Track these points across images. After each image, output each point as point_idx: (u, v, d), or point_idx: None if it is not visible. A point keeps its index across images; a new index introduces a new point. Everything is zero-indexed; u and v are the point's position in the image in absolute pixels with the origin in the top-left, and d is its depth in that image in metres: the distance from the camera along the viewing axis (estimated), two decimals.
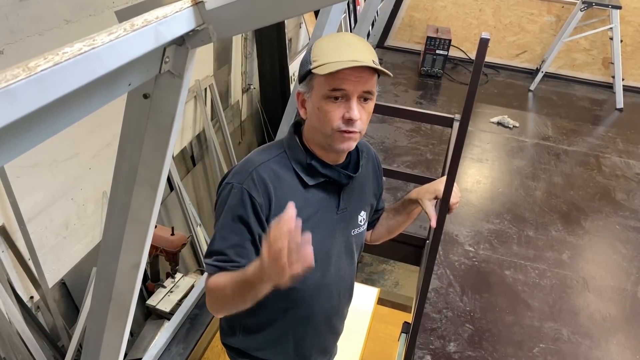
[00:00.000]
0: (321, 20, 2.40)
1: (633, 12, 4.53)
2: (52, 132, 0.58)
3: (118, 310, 1.06)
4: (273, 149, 1.33)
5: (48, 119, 0.56)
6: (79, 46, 0.54)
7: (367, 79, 1.19)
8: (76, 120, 0.64)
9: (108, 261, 1.00)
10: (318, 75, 1.19)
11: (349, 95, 1.19)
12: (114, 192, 0.94)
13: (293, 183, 1.28)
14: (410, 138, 3.60)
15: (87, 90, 0.61)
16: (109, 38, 0.59)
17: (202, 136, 4.63)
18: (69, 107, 0.60)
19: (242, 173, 1.26)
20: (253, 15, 0.81)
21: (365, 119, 1.24)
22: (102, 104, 0.68)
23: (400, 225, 1.64)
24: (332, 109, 1.20)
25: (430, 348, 2.00)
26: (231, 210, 1.23)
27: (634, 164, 3.55)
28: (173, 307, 3.41)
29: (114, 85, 0.68)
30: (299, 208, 1.27)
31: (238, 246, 1.24)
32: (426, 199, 1.49)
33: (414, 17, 5.13)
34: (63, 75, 0.52)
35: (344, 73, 1.16)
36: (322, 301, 1.42)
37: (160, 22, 0.69)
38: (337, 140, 1.23)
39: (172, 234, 3.44)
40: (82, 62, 0.54)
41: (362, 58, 1.16)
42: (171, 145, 0.90)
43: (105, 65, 0.59)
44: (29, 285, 2.84)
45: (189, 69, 0.84)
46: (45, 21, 2.57)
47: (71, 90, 0.54)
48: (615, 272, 2.52)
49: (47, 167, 2.82)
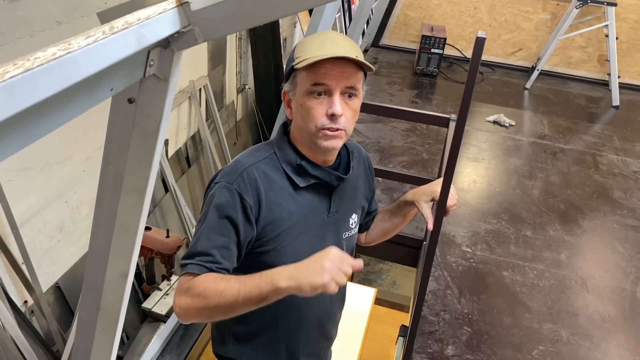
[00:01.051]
0: (315, 19, 2.37)
1: (628, 8, 4.52)
2: (27, 141, 0.55)
3: (107, 320, 1.03)
4: (262, 150, 1.30)
5: (21, 128, 0.53)
6: (52, 50, 0.51)
7: (350, 74, 1.17)
8: (55, 127, 0.61)
9: (95, 271, 0.97)
10: (300, 71, 1.17)
11: (332, 90, 1.16)
12: (99, 200, 0.91)
13: (283, 185, 1.26)
14: (406, 138, 3.58)
15: (65, 96, 0.58)
16: (87, 42, 0.56)
17: (197, 137, 4.60)
18: (46, 114, 0.57)
19: (232, 173, 1.23)
20: (240, 16, 0.78)
21: (350, 116, 1.21)
22: (83, 110, 0.65)
23: (395, 227, 1.61)
24: (315, 105, 1.18)
25: (428, 352, 1.97)
26: (219, 209, 1.19)
27: (631, 162, 3.53)
28: (169, 310, 3.38)
29: (95, 90, 0.65)
30: (288, 210, 1.25)
31: (224, 247, 1.18)
32: (422, 201, 1.47)
33: (408, 15, 5.10)
34: (35, 82, 0.49)
35: (326, 67, 1.14)
36: (314, 307, 1.39)
37: (142, 24, 0.66)
38: (322, 139, 1.20)
39: (168, 236, 3.41)
40: (56, 68, 0.51)
41: (344, 52, 1.14)
42: (158, 151, 0.88)
43: (83, 70, 0.56)
44: (22, 289, 2.81)
45: (175, 72, 0.82)
46: (36, 22, 2.53)
47: (44, 97, 0.51)
48: (614, 272, 2.50)
49: (40, 170, 2.79)
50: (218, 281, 1.10)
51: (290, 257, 1.28)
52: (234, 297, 1.07)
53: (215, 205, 1.19)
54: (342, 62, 1.14)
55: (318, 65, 1.14)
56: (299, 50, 1.20)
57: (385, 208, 1.65)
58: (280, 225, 1.24)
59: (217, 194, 1.21)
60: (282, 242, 1.26)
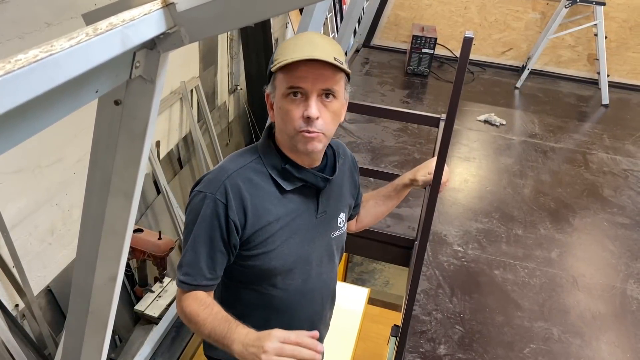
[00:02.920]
0: (305, 19, 2.37)
1: (617, 8, 4.55)
2: (10, 144, 0.55)
3: (96, 325, 1.03)
4: (247, 154, 1.29)
5: (3, 131, 0.53)
6: (34, 53, 0.51)
7: (327, 76, 1.15)
8: (39, 130, 0.61)
9: (83, 275, 0.96)
10: (279, 74, 1.16)
11: (308, 93, 1.15)
12: (87, 203, 0.90)
13: (269, 189, 1.25)
14: (397, 137, 3.58)
15: (48, 98, 0.57)
16: (69, 44, 0.56)
17: (188, 138, 4.59)
18: (29, 116, 0.56)
19: (215, 182, 1.22)
20: (227, 17, 0.78)
21: (329, 118, 1.19)
22: (67, 112, 0.65)
23: (389, 209, 1.69)
24: (292, 107, 1.17)
25: (420, 351, 1.98)
26: (204, 220, 1.21)
27: (620, 160, 3.56)
28: (162, 312, 3.37)
29: (80, 92, 0.65)
30: (276, 214, 1.25)
31: (209, 258, 1.23)
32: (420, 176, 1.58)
33: (399, 15, 5.11)
34: (16, 84, 0.48)
35: (301, 70, 1.13)
36: (305, 308, 1.39)
37: (127, 25, 0.66)
38: (300, 142, 1.19)
39: (160, 238, 3.40)
40: (37, 70, 0.51)
41: (321, 55, 1.12)
42: (145, 153, 0.87)
43: (66, 72, 0.55)
44: (13, 293, 2.79)
45: (162, 73, 0.81)
46: (25, 24, 2.52)
47: (26, 100, 0.50)
48: (604, 270, 2.51)
49: (31, 172, 2.77)
50: (201, 310, 1.21)
51: (279, 260, 1.28)
52: (206, 334, 1.19)
53: (200, 216, 1.22)
54: (319, 64, 1.13)
55: (294, 67, 1.13)
56: (277, 53, 1.19)
57: (379, 193, 1.67)
58: (268, 230, 1.25)
59: (200, 204, 1.22)
60: (271, 246, 1.26)
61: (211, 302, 1.24)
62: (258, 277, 1.30)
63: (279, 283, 1.31)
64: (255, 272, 1.29)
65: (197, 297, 1.24)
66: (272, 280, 1.31)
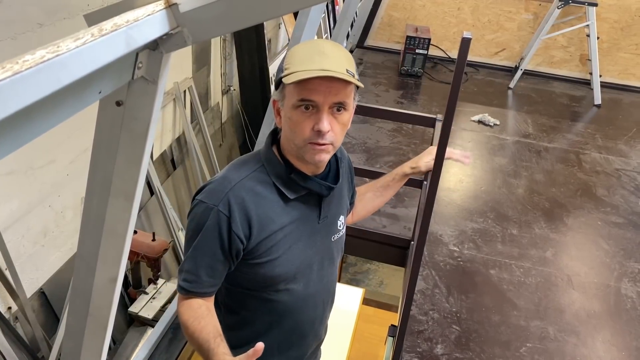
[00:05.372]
0: (301, 21, 2.37)
1: (609, 8, 4.58)
2: (14, 146, 0.54)
3: (96, 326, 1.02)
4: (250, 163, 1.27)
5: (9, 133, 0.52)
6: (41, 53, 0.50)
7: (338, 90, 1.13)
8: (42, 132, 0.60)
9: (84, 276, 0.96)
10: (288, 84, 1.13)
11: (319, 106, 1.13)
12: (88, 204, 0.90)
13: (273, 198, 1.24)
14: (392, 138, 3.59)
15: (53, 99, 0.57)
16: (75, 44, 0.55)
17: (182, 139, 4.57)
18: (33, 118, 0.56)
19: (218, 193, 1.20)
20: (230, 18, 0.78)
21: (338, 131, 1.19)
22: (71, 113, 0.64)
23: (387, 200, 1.72)
24: (302, 119, 1.15)
25: (418, 351, 1.98)
26: (206, 231, 1.20)
27: (613, 160, 3.58)
28: (156, 314, 3.35)
29: (83, 93, 0.65)
30: (280, 223, 1.24)
31: (209, 267, 1.23)
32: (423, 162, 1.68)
33: (393, 16, 5.12)
34: (24, 85, 0.48)
35: (313, 83, 1.10)
36: (307, 312, 1.39)
37: (131, 26, 0.65)
38: (309, 153, 1.18)
39: (153, 239, 3.39)
40: (45, 71, 0.50)
41: (334, 67, 1.10)
42: (147, 154, 0.87)
43: (72, 73, 0.55)
44: (6, 295, 2.77)
45: (164, 74, 0.81)
46: (17, 25, 2.49)
47: (34, 101, 0.50)
48: (599, 269, 2.53)
49: (23, 174, 2.75)
50: (190, 322, 1.21)
51: (284, 267, 1.28)
52: (195, 346, 1.20)
53: (202, 227, 1.20)
54: (330, 77, 1.10)
55: (306, 80, 1.10)
56: (287, 61, 1.16)
57: (377, 184, 1.69)
58: (272, 239, 1.24)
59: (202, 215, 1.20)
60: (275, 254, 1.25)
61: (203, 312, 1.22)
62: (261, 284, 1.30)
63: (282, 288, 1.31)
64: (259, 279, 1.29)
65: (191, 306, 1.23)
66: (276, 286, 1.30)
